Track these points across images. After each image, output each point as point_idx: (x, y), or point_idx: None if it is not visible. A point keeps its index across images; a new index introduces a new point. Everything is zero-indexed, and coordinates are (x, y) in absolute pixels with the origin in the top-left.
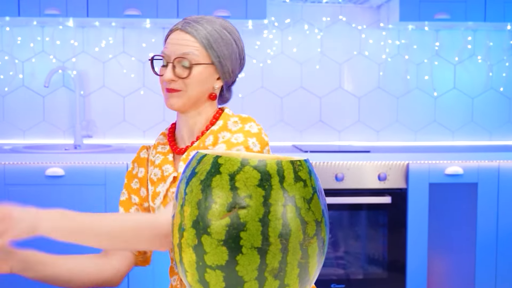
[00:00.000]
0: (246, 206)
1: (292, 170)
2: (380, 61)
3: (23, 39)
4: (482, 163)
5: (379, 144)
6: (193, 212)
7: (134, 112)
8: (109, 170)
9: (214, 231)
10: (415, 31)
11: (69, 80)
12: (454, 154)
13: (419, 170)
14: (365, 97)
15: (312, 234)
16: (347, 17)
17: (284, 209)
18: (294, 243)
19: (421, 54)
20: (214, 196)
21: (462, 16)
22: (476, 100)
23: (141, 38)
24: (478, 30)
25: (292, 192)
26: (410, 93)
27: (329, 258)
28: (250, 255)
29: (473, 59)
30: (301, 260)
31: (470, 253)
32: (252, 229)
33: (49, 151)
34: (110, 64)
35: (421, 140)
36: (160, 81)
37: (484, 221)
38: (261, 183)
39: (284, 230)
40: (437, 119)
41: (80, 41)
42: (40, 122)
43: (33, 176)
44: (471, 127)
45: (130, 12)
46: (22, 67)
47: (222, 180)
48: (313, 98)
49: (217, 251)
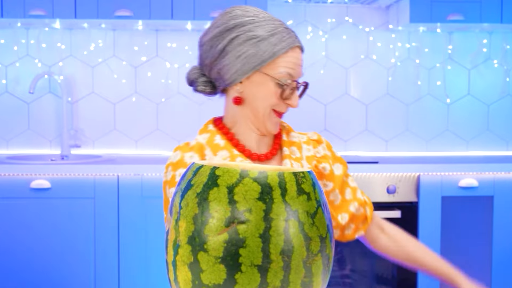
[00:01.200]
0: (246, 221)
1: (295, 182)
2: (389, 65)
3: (6, 41)
4: (498, 175)
5: (388, 154)
6: (188, 228)
7: (126, 120)
8: (99, 182)
9: (211, 247)
10: (426, 33)
11: (55, 86)
12: (469, 165)
13: (431, 182)
14: (373, 104)
15: (316, 251)
16: (354, 18)
17: (286, 224)
18: (297, 260)
19: (433, 58)
20: (211, 210)
21: (477, 17)
22: (492, 107)
23: (133, 40)
24: (494, 32)
25: (295, 206)
26: (421, 99)
27: (335, 277)
28: (250, 274)
29: (489, 63)
30: (304, 279)
31: (485, 271)
32: (252, 245)
33: (35, 162)
34: (100, 68)
35: (433, 150)
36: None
37: (500, 236)
38: (261, 196)
39: (286, 247)
40: (450, 127)
41: (68, 44)
42: (24, 131)
43: (17, 188)
44: (487, 136)
45: (121, 13)
46: (5, 72)
47: (220, 193)
48: (317, 105)
49: (214, 269)
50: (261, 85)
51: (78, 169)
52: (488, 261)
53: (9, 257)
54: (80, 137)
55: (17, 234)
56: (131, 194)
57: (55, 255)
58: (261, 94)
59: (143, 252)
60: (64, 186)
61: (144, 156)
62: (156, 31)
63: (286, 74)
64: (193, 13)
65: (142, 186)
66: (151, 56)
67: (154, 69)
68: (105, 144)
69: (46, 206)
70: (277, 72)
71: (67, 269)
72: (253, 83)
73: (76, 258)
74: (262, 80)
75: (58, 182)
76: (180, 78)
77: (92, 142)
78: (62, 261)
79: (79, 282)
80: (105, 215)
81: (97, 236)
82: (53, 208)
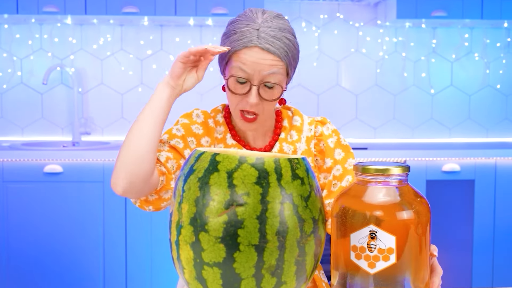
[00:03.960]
0: (244, 203)
1: (290, 168)
2: (377, 58)
3: (22, 36)
4: (479, 160)
5: (376, 141)
6: (191, 210)
7: (132, 109)
8: (107, 167)
9: (211, 228)
10: (412, 28)
11: (67, 78)
12: (451, 151)
13: (416, 167)
14: (362, 95)
15: (310, 231)
16: (345, 15)
17: (282, 206)
18: (291, 240)
19: (418, 52)
20: (212, 193)
21: (459, 13)
22: (473, 97)
23: (139, 35)
24: (475, 28)
25: (289, 189)
26: (407, 90)
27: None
28: (248, 253)
29: (470, 56)
30: (298, 258)
31: (467, 250)
32: (250, 226)
33: (48, 148)
34: (108, 61)
35: (418, 137)
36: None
37: (481, 218)
38: (258, 181)
39: (282, 228)
40: (434, 116)
41: (78, 38)
42: (38, 119)
43: (31, 173)
44: (468, 124)
45: (128, 9)
46: (20, 65)
47: (220, 177)
48: (310, 95)
49: (214, 248)
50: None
51: (88, 155)
52: (470, 240)
53: (23, 237)
54: (90, 125)
55: (31, 215)
56: None
57: (66, 235)
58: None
59: (148, 232)
60: (75, 170)
61: None
62: (160, 26)
63: (236, 69)
64: (195, 9)
65: None
66: (156, 49)
67: (159, 62)
68: (113, 131)
69: (58, 190)
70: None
71: (77, 248)
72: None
73: (86, 237)
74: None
75: (70, 167)
76: None
77: (101, 129)
78: (72, 240)
79: (88, 260)
80: (113, 198)
81: (105, 217)
82: (65, 191)
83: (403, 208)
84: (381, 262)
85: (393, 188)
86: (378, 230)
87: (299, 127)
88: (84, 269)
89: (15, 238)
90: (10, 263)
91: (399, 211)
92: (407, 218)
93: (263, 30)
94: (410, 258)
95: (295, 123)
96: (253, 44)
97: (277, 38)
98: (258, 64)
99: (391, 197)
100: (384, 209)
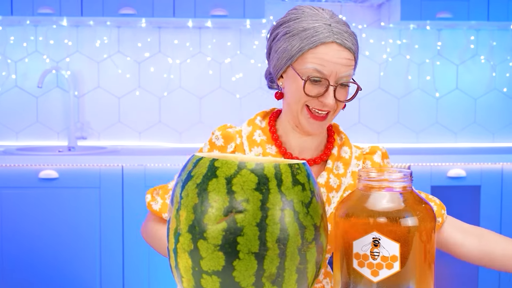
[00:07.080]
0: (243, 210)
1: (290, 173)
2: (380, 61)
3: (16, 38)
4: (485, 166)
5: None
6: (189, 217)
7: (130, 113)
8: (104, 172)
9: (210, 235)
10: (416, 30)
11: (63, 81)
12: (457, 156)
13: (421, 172)
14: (365, 98)
15: (311, 238)
16: (347, 16)
17: (282, 213)
18: (292, 248)
19: (422, 54)
20: (210, 200)
21: (465, 15)
22: (479, 101)
23: (137, 37)
24: (481, 30)
25: (290, 196)
26: (411, 93)
27: None
28: (247, 261)
29: (476, 59)
30: (299, 266)
31: None
32: (249, 233)
33: (43, 153)
34: (105, 64)
35: (423, 142)
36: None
37: (487, 224)
38: (258, 187)
39: (282, 235)
40: (439, 120)
41: (74, 40)
42: (33, 123)
43: (26, 178)
44: (474, 129)
45: (125, 11)
46: (15, 67)
47: (219, 183)
48: None
49: (213, 256)
50: (292, 81)
51: (84, 160)
52: None
53: (17, 244)
54: (86, 129)
55: (26, 222)
56: (134, 184)
57: (62, 242)
58: (292, 89)
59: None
60: (71, 176)
61: (147, 148)
62: (158, 28)
63: (313, 70)
64: (194, 11)
65: (145, 176)
66: (154, 52)
67: (157, 64)
68: (110, 136)
69: (53, 195)
70: (304, 67)
71: (73, 255)
72: (289, 79)
73: (82, 244)
74: (294, 75)
75: (65, 172)
76: (181, 73)
77: (98, 134)
78: (68, 247)
79: (84, 267)
80: (110, 204)
81: (102, 223)
82: (61, 197)
83: (407, 214)
84: (384, 270)
85: (397, 194)
86: (381, 237)
87: (347, 160)
88: (80, 277)
89: (10, 245)
90: (4, 271)
91: (403, 218)
92: (411, 225)
93: (335, 26)
94: (414, 266)
95: (343, 154)
96: (331, 39)
97: (349, 33)
98: (336, 64)
99: (395, 203)
100: (387, 215)
